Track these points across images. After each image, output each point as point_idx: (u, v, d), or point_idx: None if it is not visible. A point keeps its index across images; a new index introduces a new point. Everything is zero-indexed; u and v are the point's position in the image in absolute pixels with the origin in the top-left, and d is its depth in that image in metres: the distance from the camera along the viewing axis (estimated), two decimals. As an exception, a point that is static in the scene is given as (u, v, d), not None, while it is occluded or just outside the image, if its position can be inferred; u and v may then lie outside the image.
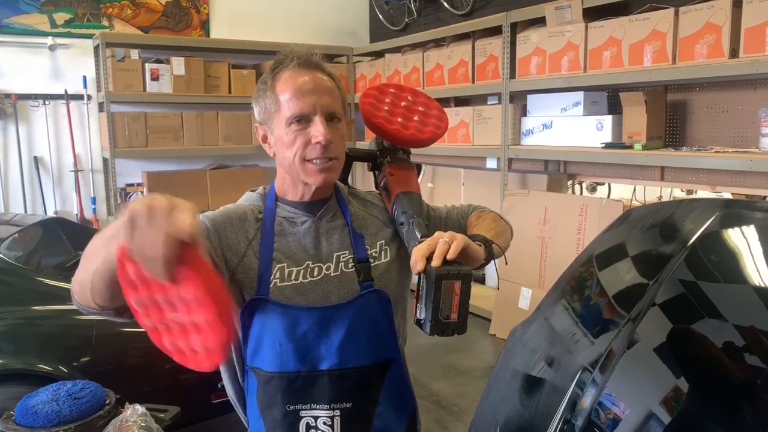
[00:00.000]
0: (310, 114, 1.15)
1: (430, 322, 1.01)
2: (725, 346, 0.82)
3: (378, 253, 1.25)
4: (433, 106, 1.45)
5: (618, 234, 1.29)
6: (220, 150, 5.22)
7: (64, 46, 4.90)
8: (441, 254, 1.02)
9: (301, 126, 1.15)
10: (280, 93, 1.16)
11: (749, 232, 1.02)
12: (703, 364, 0.82)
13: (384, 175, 1.33)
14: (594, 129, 3.67)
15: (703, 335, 0.85)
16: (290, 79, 1.16)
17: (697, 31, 3.00)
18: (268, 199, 1.24)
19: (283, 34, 5.68)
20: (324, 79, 1.19)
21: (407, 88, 1.47)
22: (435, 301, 1.00)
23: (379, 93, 1.39)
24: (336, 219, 1.26)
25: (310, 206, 1.23)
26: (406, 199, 1.26)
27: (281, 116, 1.16)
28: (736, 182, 3.16)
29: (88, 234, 3.29)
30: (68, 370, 2.07)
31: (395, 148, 1.37)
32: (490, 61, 4.22)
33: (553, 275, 3.68)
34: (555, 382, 1.00)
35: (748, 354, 0.80)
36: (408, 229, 1.21)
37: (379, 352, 1.20)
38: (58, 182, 5.01)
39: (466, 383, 3.33)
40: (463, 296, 1.01)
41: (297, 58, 1.18)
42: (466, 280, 1.01)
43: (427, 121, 1.40)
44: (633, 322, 0.91)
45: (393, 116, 1.36)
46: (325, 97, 1.17)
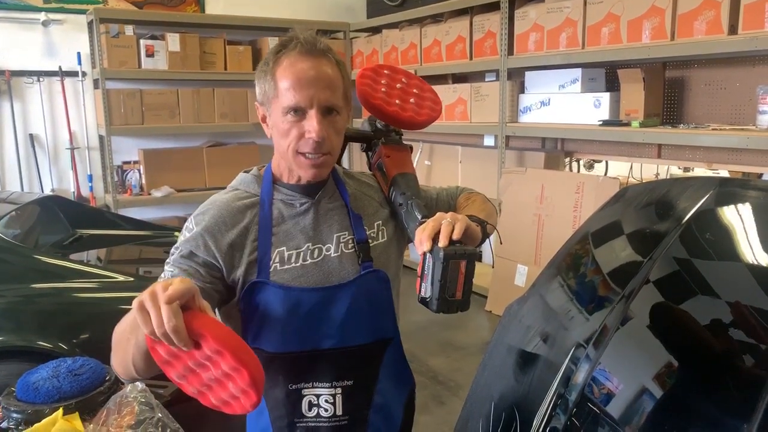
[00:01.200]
0: (306, 107, 1.13)
1: (437, 301, 1.03)
2: (715, 322, 0.83)
3: (376, 233, 1.26)
4: (427, 89, 1.45)
5: (613, 212, 1.30)
6: (217, 127, 5.19)
7: (57, 22, 4.84)
8: (447, 234, 1.03)
9: (297, 117, 1.14)
10: (279, 79, 1.14)
11: (743, 211, 1.03)
12: (694, 340, 0.84)
13: (379, 156, 1.33)
14: (592, 106, 3.66)
15: (693, 313, 0.86)
16: (291, 67, 1.13)
17: (696, 7, 2.98)
18: (264, 182, 1.23)
19: (280, 9, 5.61)
20: (327, 68, 1.15)
21: (401, 70, 1.46)
22: (442, 280, 1.02)
23: (374, 74, 1.39)
24: (334, 200, 1.26)
25: (307, 188, 1.23)
26: (404, 180, 1.27)
27: (278, 103, 1.15)
28: (733, 160, 3.17)
29: (85, 212, 3.32)
30: (68, 347, 2.08)
31: (389, 129, 1.38)
32: (488, 38, 4.19)
33: (549, 253, 3.68)
34: (549, 357, 1.01)
35: (736, 330, 0.81)
36: (407, 210, 1.22)
37: (379, 330, 1.22)
38: (54, 160, 4.99)
39: (462, 359, 3.37)
40: (468, 275, 1.04)
41: (301, 44, 1.15)
42: (472, 260, 1.04)
43: (423, 103, 1.41)
44: (627, 298, 0.92)
45: (390, 98, 1.36)
46: (325, 90, 1.14)
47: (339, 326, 1.16)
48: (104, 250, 3.03)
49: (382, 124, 1.37)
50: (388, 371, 1.24)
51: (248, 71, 5.27)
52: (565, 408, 0.86)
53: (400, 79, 1.42)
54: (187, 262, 1.14)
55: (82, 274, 2.41)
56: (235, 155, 5.26)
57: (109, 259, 2.96)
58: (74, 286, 2.32)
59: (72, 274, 2.37)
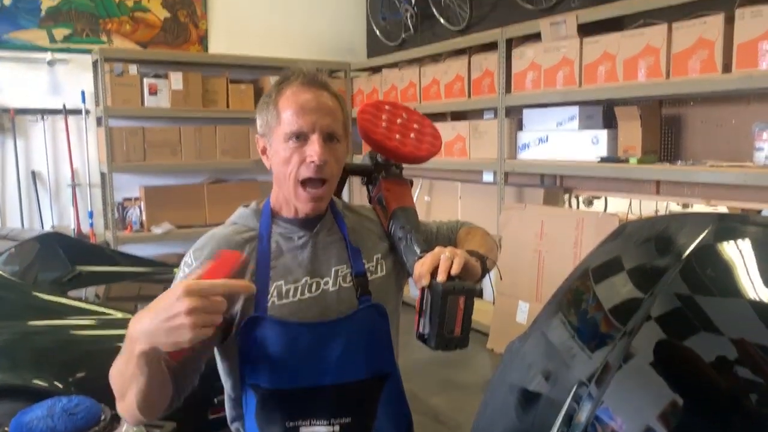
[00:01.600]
0: (308, 132, 1.16)
1: (435, 337, 1.02)
2: (719, 359, 0.82)
3: (375, 267, 1.26)
4: (427, 124, 1.47)
5: (613, 248, 1.30)
6: (218, 164, 5.23)
7: (62, 61, 4.93)
8: (445, 269, 1.03)
9: (299, 143, 1.16)
10: (282, 108, 1.18)
11: (742, 246, 1.03)
12: (697, 378, 0.83)
13: (380, 190, 1.34)
14: (590, 143, 3.69)
15: (696, 349, 0.85)
16: (293, 96, 1.18)
17: (690, 46, 3.04)
18: (263, 216, 1.24)
19: (281, 49, 5.71)
20: (327, 99, 1.20)
21: (401, 106, 1.49)
22: (441, 316, 1.01)
23: (375, 110, 1.41)
24: (333, 234, 1.26)
25: (305, 222, 1.24)
26: (403, 214, 1.28)
27: (280, 131, 1.17)
28: (731, 196, 3.18)
29: (85, 248, 3.31)
30: (63, 385, 2.05)
31: (389, 164, 1.39)
32: (486, 76, 4.26)
33: (550, 289, 3.67)
34: (551, 396, 1.00)
35: (740, 366, 0.80)
36: (406, 244, 1.22)
37: (377, 365, 1.21)
38: (56, 196, 5.01)
39: (464, 398, 3.32)
40: (467, 311, 1.03)
41: (303, 75, 1.20)
42: (471, 296, 1.03)
43: (423, 138, 1.42)
44: (628, 335, 0.91)
45: (391, 132, 1.38)
46: (326, 117, 1.18)
47: (337, 362, 1.15)
48: (103, 286, 3.01)
49: (382, 159, 1.38)
50: (386, 407, 1.22)
51: (250, 109, 5.33)
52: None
53: (401, 115, 1.44)
54: None
55: (79, 311, 2.39)
56: (236, 192, 5.28)
57: (108, 296, 2.94)
58: (72, 324, 2.30)
59: (70, 311, 2.35)
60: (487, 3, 4.85)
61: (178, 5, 5.35)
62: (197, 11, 5.43)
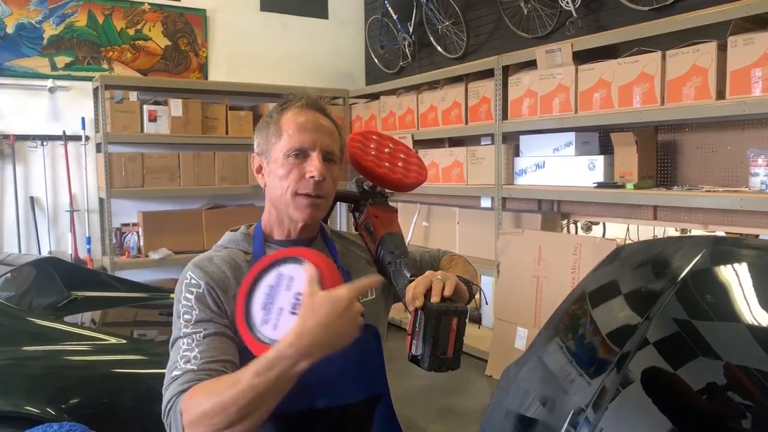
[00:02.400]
0: (309, 149, 1.19)
1: (429, 358, 1.03)
2: (714, 383, 0.82)
3: (365, 291, 1.26)
4: (412, 154, 1.52)
5: (609, 272, 1.30)
6: (217, 190, 5.25)
7: (63, 88, 4.98)
8: (438, 291, 1.05)
9: (298, 160, 1.18)
10: (283, 125, 1.20)
11: (738, 269, 1.04)
12: (694, 402, 0.82)
13: (367, 216, 1.36)
14: (586, 169, 3.71)
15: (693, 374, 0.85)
16: (295, 115, 1.21)
17: (684, 73, 3.08)
18: (255, 239, 1.25)
19: (280, 76, 5.78)
20: (327, 122, 1.24)
21: (387, 136, 1.52)
22: (434, 337, 1.03)
23: (364, 138, 1.45)
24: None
25: (297, 244, 1.24)
26: (391, 239, 1.30)
27: (280, 146, 1.19)
28: (728, 221, 3.19)
29: (81, 273, 3.30)
30: (56, 412, 2.02)
31: (375, 191, 1.41)
32: (483, 103, 4.30)
33: (548, 315, 3.63)
34: (548, 421, 0.99)
35: (734, 392, 0.80)
36: (395, 269, 1.24)
37: (371, 386, 1.22)
38: (54, 222, 5.01)
39: (462, 426, 3.28)
40: (459, 333, 1.05)
41: (306, 98, 1.24)
42: (463, 317, 1.05)
43: (410, 167, 1.46)
44: (625, 359, 0.91)
45: (380, 160, 1.41)
46: (326, 137, 1.21)
47: (334, 383, 1.15)
48: (99, 312, 2.99)
49: (369, 186, 1.40)
50: (380, 429, 1.22)
51: (249, 135, 5.32)
52: (564, 474, 0.84)
53: (388, 144, 1.48)
54: (211, 322, 1.12)
55: (74, 337, 2.37)
56: (234, 217, 5.29)
57: (104, 322, 2.92)
58: (65, 349, 2.28)
59: (64, 336, 2.33)
60: (484, 32, 4.93)
61: (179, 34, 5.43)
62: (198, 39, 5.50)
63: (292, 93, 1.26)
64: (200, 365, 1.05)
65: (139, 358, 2.37)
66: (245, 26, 5.72)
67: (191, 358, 1.06)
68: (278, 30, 5.88)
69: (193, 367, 1.05)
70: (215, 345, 1.08)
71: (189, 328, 1.10)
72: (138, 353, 2.39)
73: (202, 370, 1.05)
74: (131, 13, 5.22)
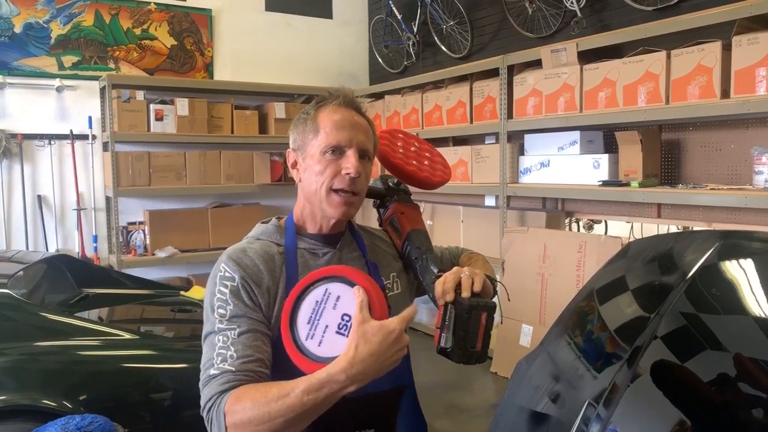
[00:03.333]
0: (346, 146, 1.21)
1: (458, 351, 1.07)
2: (725, 377, 0.84)
3: (391, 284, 1.30)
4: (437, 153, 1.55)
5: (620, 267, 1.32)
6: (222, 188, 5.28)
7: (70, 88, 5.01)
8: (468, 286, 1.09)
9: (335, 156, 1.21)
10: (321, 122, 1.23)
11: (748, 263, 1.05)
12: (704, 397, 0.83)
13: (392, 213, 1.39)
14: (591, 167, 3.73)
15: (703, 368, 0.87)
16: (333, 113, 1.24)
17: (688, 72, 3.10)
18: (287, 232, 1.27)
19: (285, 76, 5.81)
20: (362, 120, 1.27)
21: (413, 135, 1.56)
22: (464, 330, 1.06)
23: (391, 136, 1.48)
24: (353, 250, 1.31)
25: (328, 238, 1.28)
26: (417, 236, 1.33)
27: (317, 143, 1.22)
28: (732, 219, 3.21)
29: (92, 271, 3.33)
30: (72, 405, 2.06)
31: (400, 188, 1.44)
32: (488, 102, 4.32)
33: (553, 312, 3.69)
34: (560, 417, 1.01)
35: (746, 383, 0.81)
36: (422, 264, 1.27)
37: (397, 377, 1.24)
38: (61, 220, 5.04)
39: (468, 421, 3.31)
40: (488, 327, 1.09)
41: (343, 96, 1.26)
42: (491, 312, 1.09)
43: (435, 166, 1.50)
44: (636, 355, 0.92)
45: (407, 158, 1.44)
46: (362, 135, 1.24)
47: None
48: (110, 308, 3.03)
49: (393, 183, 1.43)
50: (405, 419, 1.27)
51: (254, 134, 5.41)
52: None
53: (413, 143, 1.51)
54: (245, 318, 1.14)
55: (87, 332, 2.40)
56: (240, 216, 5.32)
57: (115, 318, 2.95)
58: (79, 344, 2.32)
59: (77, 331, 2.37)
60: (488, 31, 4.95)
61: (185, 33, 5.46)
62: (203, 39, 5.53)
63: (328, 91, 1.28)
64: (238, 366, 1.09)
65: (152, 353, 2.40)
66: (250, 26, 5.75)
67: (227, 357, 1.10)
68: (283, 30, 5.91)
69: (231, 367, 1.09)
70: (250, 343, 1.11)
71: (224, 324, 1.13)
72: (151, 348, 2.43)
73: (241, 371, 1.09)
74: (137, 13, 5.25)
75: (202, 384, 1.11)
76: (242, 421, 1.02)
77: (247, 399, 1.03)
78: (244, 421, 1.02)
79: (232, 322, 1.13)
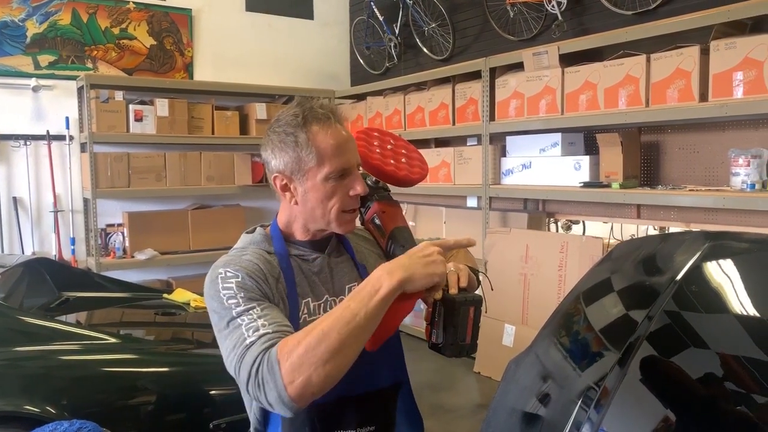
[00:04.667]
0: (351, 168, 1.23)
1: (450, 346, 1.10)
2: (713, 377, 0.85)
3: None
4: (413, 149, 1.55)
5: (607, 270, 1.33)
6: (203, 190, 5.23)
7: (47, 88, 4.92)
8: (455, 282, 1.11)
9: (339, 180, 1.21)
10: (320, 148, 1.19)
11: (737, 264, 1.08)
12: (696, 401, 0.84)
13: (374, 212, 1.39)
14: (572, 169, 3.78)
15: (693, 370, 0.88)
16: (328, 137, 1.20)
17: (668, 76, 3.16)
18: (275, 240, 1.27)
19: (266, 77, 5.78)
20: (348, 132, 1.26)
21: (387, 132, 1.56)
22: (454, 325, 1.09)
23: (367, 136, 1.48)
24: (341, 254, 1.33)
25: (317, 244, 1.29)
26: (401, 233, 1.33)
27: (321, 170, 1.19)
28: (710, 219, 3.28)
29: (72, 274, 3.28)
30: (56, 411, 2.03)
31: (380, 187, 1.44)
32: (470, 104, 4.35)
33: (536, 312, 3.73)
34: (553, 420, 1.02)
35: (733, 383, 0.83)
36: None
37: (394, 374, 1.28)
38: (37, 223, 4.95)
39: (453, 421, 3.33)
40: (476, 320, 1.12)
41: (330, 112, 1.22)
42: (479, 306, 1.12)
43: (413, 163, 1.50)
44: (626, 358, 0.93)
45: (385, 157, 1.44)
46: (355, 150, 1.25)
47: (362, 372, 1.18)
48: (91, 312, 2.98)
49: (373, 182, 1.43)
50: (403, 415, 1.29)
51: (235, 135, 5.37)
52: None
53: (389, 141, 1.51)
54: (260, 300, 1.12)
55: (69, 336, 2.36)
56: (220, 217, 5.28)
57: (96, 321, 2.91)
58: (61, 348, 2.28)
59: (58, 335, 2.33)
60: (470, 34, 4.98)
61: (165, 33, 5.40)
62: (183, 39, 5.48)
63: (301, 105, 1.22)
64: (273, 328, 1.05)
65: (136, 357, 2.37)
66: (231, 26, 5.71)
67: (259, 327, 1.05)
68: (264, 30, 5.88)
69: (267, 330, 1.05)
70: (276, 314, 1.10)
71: (242, 306, 1.10)
72: (135, 352, 2.40)
73: (278, 331, 1.05)
74: (116, 12, 5.18)
75: (238, 358, 1.04)
76: (299, 355, 0.97)
77: (296, 337, 1.01)
78: (300, 354, 0.97)
79: (251, 302, 1.11)
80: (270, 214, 5.66)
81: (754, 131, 3.17)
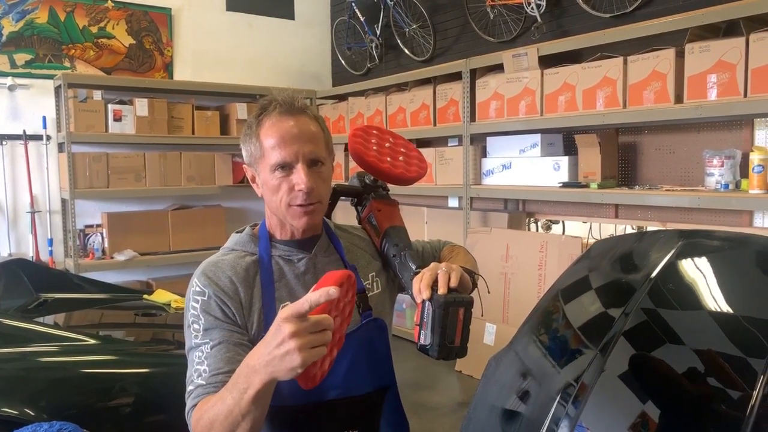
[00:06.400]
0: (293, 162, 1.19)
1: (438, 347, 1.07)
2: (687, 371, 0.87)
3: (371, 284, 1.31)
4: (412, 147, 1.54)
5: (584, 268, 1.36)
6: (183, 190, 5.19)
7: (23, 87, 4.85)
8: (445, 282, 1.09)
9: (285, 173, 1.19)
10: (264, 140, 1.20)
11: (709, 261, 1.10)
12: (671, 394, 0.86)
13: (370, 210, 1.39)
14: (551, 169, 3.83)
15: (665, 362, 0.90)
16: (273, 127, 1.19)
17: (644, 78, 3.22)
18: (261, 240, 1.27)
19: (247, 76, 5.76)
20: (308, 124, 1.22)
21: (386, 130, 1.55)
22: (442, 326, 1.06)
23: (364, 133, 1.47)
24: (330, 254, 1.30)
25: (303, 243, 1.27)
26: (395, 232, 1.33)
27: (266, 162, 1.20)
28: (685, 219, 3.34)
29: (50, 275, 3.23)
30: (35, 413, 2.00)
31: (377, 185, 1.44)
32: (451, 105, 4.38)
33: (516, 311, 3.76)
34: (531, 416, 1.03)
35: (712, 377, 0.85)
36: (401, 261, 1.27)
37: (379, 378, 1.25)
38: (13, 224, 4.87)
39: (435, 419, 3.35)
40: (466, 322, 1.09)
41: (281, 104, 1.21)
42: (469, 307, 1.09)
43: (411, 161, 1.49)
44: (603, 354, 0.95)
45: (382, 155, 1.44)
46: (308, 144, 1.20)
47: (343, 376, 1.18)
48: (70, 313, 2.95)
49: (370, 180, 1.43)
50: (388, 419, 1.26)
51: (216, 135, 5.34)
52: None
53: (388, 139, 1.51)
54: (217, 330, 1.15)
55: (47, 338, 2.34)
56: (201, 218, 5.24)
57: (75, 323, 2.88)
58: (40, 350, 2.25)
59: (37, 337, 2.30)
60: (451, 35, 5.01)
61: (144, 32, 5.35)
62: (163, 39, 5.43)
63: (266, 98, 1.23)
64: (208, 379, 1.11)
65: (116, 358, 2.35)
66: (211, 26, 5.68)
67: (201, 372, 1.12)
68: (244, 30, 5.85)
69: (202, 382, 1.11)
70: (222, 356, 1.12)
71: (198, 339, 1.16)
72: (115, 353, 2.38)
73: (210, 384, 1.10)
74: (94, 11, 5.12)
75: (186, 398, 1.14)
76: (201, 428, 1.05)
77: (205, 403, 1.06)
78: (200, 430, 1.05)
79: (206, 335, 1.15)
80: (251, 214, 5.63)
81: (728, 132, 3.24)
